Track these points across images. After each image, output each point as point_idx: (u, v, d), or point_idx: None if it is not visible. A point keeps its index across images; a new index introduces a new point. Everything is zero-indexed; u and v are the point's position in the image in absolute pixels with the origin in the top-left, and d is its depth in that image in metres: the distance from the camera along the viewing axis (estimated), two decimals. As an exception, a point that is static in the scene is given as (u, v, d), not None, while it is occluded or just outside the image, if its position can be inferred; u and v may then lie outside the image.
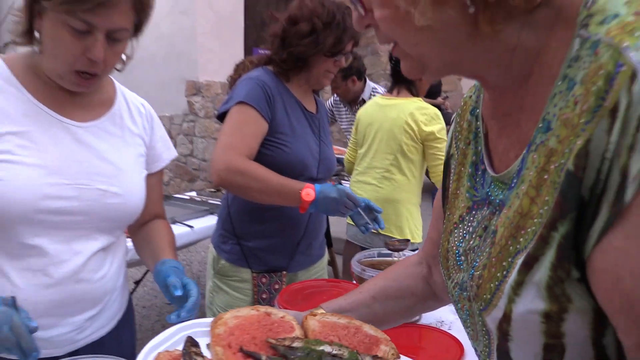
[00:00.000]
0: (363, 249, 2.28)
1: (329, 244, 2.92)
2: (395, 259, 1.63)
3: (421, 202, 2.50)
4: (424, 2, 0.52)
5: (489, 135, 0.67)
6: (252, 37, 6.43)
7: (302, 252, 1.70)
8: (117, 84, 1.21)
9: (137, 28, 1.06)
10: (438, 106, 3.40)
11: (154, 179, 1.25)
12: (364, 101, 3.32)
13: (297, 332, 0.70)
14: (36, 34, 0.98)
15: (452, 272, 0.69)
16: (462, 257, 0.66)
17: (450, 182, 0.75)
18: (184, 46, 5.84)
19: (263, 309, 0.74)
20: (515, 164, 0.58)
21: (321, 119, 1.76)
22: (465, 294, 0.64)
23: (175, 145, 5.83)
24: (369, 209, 1.62)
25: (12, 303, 0.86)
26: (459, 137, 0.74)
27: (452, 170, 0.75)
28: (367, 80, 3.47)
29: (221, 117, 1.58)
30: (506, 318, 0.55)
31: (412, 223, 2.40)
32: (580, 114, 0.47)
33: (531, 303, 0.53)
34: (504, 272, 0.55)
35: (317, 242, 1.76)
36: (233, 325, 0.68)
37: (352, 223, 1.78)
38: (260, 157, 1.54)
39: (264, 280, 1.64)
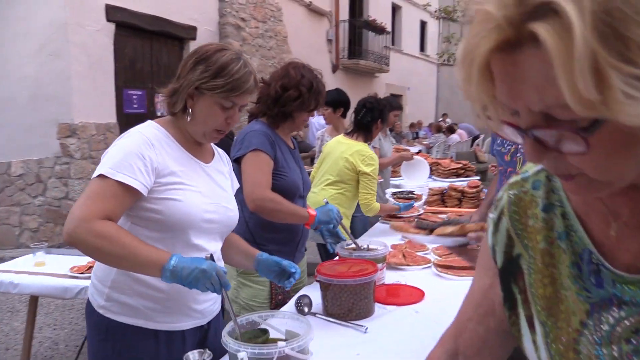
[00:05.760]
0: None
1: None
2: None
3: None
4: None
5: (593, 233, 0.63)
6: (121, 79, 6.59)
7: (299, 250, 2.29)
8: None
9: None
10: None
11: None
12: None
13: None
14: (189, 110, 1.46)
15: None
16: None
17: (528, 284, 0.69)
18: (56, 88, 5.78)
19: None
20: None
21: (297, 153, 2.40)
22: None
23: (45, 190, 5.73)
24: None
25: (212, 258, 1.35)
26: (524, 235, 0.69)
27: (527, 272, 0.69)
28: None
29: (237, 160, 2.12)
30: None
31: None
32: None
33: None
34: None
35: (305, 243, 2.37)
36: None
37: None
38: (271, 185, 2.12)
39: (278, 271, 2.20)
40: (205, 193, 1.48)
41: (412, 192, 4.03)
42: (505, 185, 0.72)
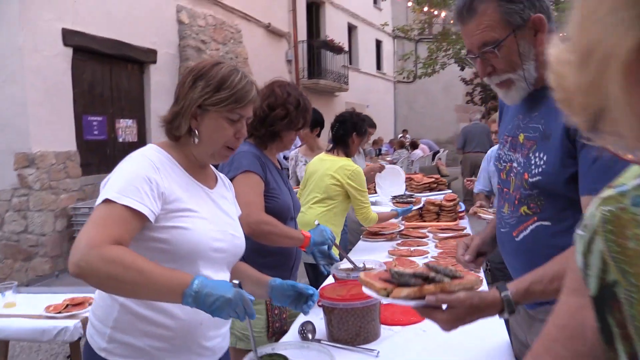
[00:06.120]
0: None
1: None
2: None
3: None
4: None
5: None
6: (80, 105, 6.36)
7: (293, 274, 2.21)
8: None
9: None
10: None
11: None
12: None
13: None
14: (194, 131, 1.38)
15: None
16: None
17: (629, 316, 0.58)
18: (12, 116, 5.50)
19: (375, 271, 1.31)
20: None
21: (285, 173, 2.33)
22: None
23: (3, 224, 5.41)
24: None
25: (239, 285, 1.25)
26: (621, 259, 0.59)
27: (625, 302, 0.58)
28: None
29: None
30: None
31: None
32: None
33: None
34: None
35: (299, 267, 2.30)
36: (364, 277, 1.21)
37: None
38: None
39: (274, 297, 2.11)
40: (212, 220, 1.40)
41: (411, 196, 4.04)
42: (597, 199, 0.64)
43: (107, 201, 1.21)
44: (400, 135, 17.21)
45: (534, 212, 1.29)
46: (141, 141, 7.51)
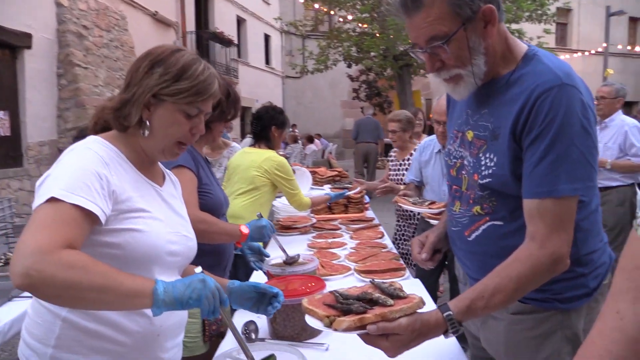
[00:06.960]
0: None
1: None
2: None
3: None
4: None
5: None
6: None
7: (226, 275, 2.15)
8: None
9: None
10: None
11: None
12: None
13: None
14: (145, 122, 1.25)
15: None
16: None
17: None
18: None
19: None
20: None
21: (211, 168, 2.26)
22: None
23: None
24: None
25: (201, 271, 1.14)
26: None
27: None
28: None
29: None
30: None
31: None
32: None
33: None
34: None
35: (231, 265, 2.24)
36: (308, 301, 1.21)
37: None
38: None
39: (209, 299, 2.04)
40: (166, 221, 1.30)
41: (349, 183, 4.28)
42: None
43: (52, 200, 1.05)
44: (290, 129, 17.40)
45: (486, 212, 1.29)
46: (15, 136, 6.73)
